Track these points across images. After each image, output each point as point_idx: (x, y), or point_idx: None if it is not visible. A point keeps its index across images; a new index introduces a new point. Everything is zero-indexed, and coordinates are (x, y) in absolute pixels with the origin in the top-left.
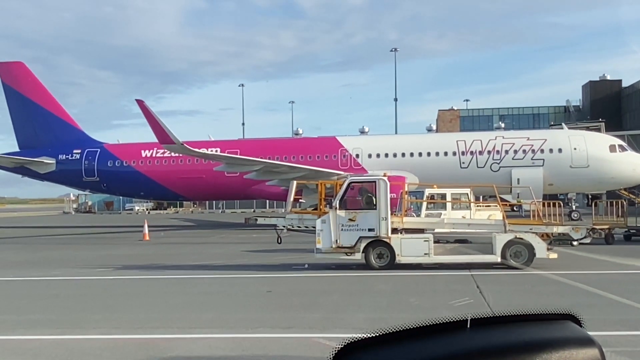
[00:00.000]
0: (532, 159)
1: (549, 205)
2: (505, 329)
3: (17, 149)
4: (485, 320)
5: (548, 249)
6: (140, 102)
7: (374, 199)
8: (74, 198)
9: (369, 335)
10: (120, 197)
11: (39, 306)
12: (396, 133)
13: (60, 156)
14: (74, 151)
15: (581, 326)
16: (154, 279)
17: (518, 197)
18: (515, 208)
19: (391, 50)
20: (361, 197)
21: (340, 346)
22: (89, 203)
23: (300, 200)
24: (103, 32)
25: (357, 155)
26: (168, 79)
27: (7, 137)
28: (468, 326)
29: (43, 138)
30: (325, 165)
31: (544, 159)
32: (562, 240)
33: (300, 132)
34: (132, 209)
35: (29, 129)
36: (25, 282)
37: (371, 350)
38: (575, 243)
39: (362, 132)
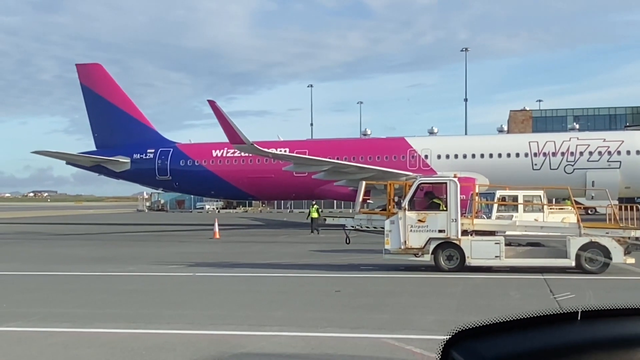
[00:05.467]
0: (608, 161)
1: (626, 208)
2: (617, 322)
3: (93, 148)
4: (597, 313)
5: (625, 254)
6: (211, 103)
7: (441, 202)
8: (147, 196)
9: (480, 323)
10: (192, 196)
11: (115, 301)
12: (466, 134)
13: (134, 155)
14: (148, 151)
15: None
16: (225, 276)
17: (592, 200)
18: (590, 211)
19: (461, 50)
20: (427, 200)
21: (451, 334)
22: (162, 201)
23: (368, 200)
24: (175, 34)
25: (426, 156)
26: (238, 80)
27: (84, 137)
28: (579, 318)
29: (118, 138)
30: (393, 166)
31: (620, 161)
32: None
33: (369, 132)
34: (202, 208)
35: (106, 128)
36: (101, 277)
37: (483, 339)
38: None
39: (431, 132)
